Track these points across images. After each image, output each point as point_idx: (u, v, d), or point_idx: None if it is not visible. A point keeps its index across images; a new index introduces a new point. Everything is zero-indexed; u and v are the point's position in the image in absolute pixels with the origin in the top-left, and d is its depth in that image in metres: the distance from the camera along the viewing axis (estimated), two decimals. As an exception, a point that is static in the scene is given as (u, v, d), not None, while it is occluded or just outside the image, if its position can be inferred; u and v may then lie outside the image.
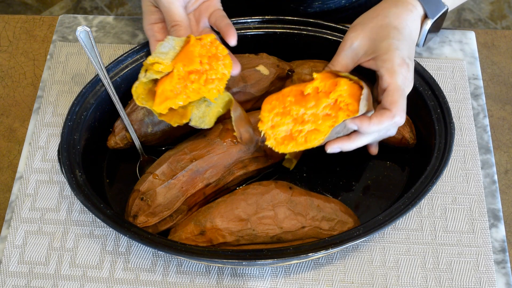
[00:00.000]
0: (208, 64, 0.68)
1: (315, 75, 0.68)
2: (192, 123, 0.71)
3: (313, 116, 0.67)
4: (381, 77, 0.68)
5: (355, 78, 0.68)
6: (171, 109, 0.68)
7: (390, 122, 0.66)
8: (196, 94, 0.68)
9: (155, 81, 0.69)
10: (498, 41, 0.93)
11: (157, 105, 0.67)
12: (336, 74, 0.69)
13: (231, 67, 0.69)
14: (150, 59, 0.66)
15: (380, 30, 0.71)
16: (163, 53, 0.67)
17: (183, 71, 0.67)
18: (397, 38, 0.69)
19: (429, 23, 0.74)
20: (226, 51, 0.69)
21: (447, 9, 0.75)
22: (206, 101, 0.70)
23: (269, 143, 0.68)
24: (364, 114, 0.67)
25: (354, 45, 0.72)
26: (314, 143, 0.67)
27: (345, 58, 0.72)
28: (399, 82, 0.67)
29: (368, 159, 0.78)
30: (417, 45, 0.74)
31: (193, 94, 0.67)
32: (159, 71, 0.67)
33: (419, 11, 0.73)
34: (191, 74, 0.67)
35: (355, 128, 0.66)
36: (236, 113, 0.71)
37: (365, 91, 0.66)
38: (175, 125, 0.70)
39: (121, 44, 0.91)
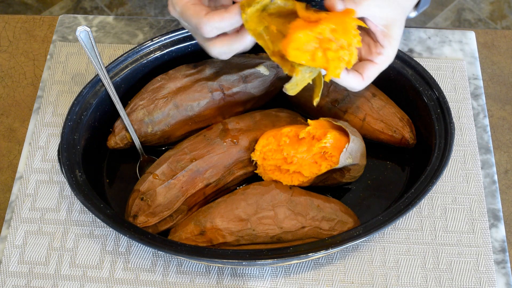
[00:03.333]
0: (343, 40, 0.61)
1: (309, 121, 0.72)
2: (287, 85, 0.64)
3: (301, 160, 0.72)
4: (381, 48, 0.66)
5: (346, 129, 0.71)
6: (283, 58, 0.62)
7: (357, 86, 0.66)
8: (322, 61, 0.60)
9: (267, 14, 0.61)
10: (498, 41, 0.93)
11: (291, 48, 0.59)
12: (332, 123, 0.73)
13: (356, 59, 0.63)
14: None
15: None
16: None
17: (327, 30, 0.59)
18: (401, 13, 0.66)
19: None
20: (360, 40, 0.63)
21: None
22: (312, 71, 0.64)
23: (258, 172, 0.74)
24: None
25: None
26: (297, 183, 0.73)
27: None
28: (386, 64, 0.67)
29: (368, 159, 0.78)
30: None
31: (320, 59, 0.60)
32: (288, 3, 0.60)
33: None
34: (328, 41, 0.60)
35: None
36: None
37: (350, 145, 0.70)
38: (285, 71, 0.63)
39: (121, 44, 0.91)
